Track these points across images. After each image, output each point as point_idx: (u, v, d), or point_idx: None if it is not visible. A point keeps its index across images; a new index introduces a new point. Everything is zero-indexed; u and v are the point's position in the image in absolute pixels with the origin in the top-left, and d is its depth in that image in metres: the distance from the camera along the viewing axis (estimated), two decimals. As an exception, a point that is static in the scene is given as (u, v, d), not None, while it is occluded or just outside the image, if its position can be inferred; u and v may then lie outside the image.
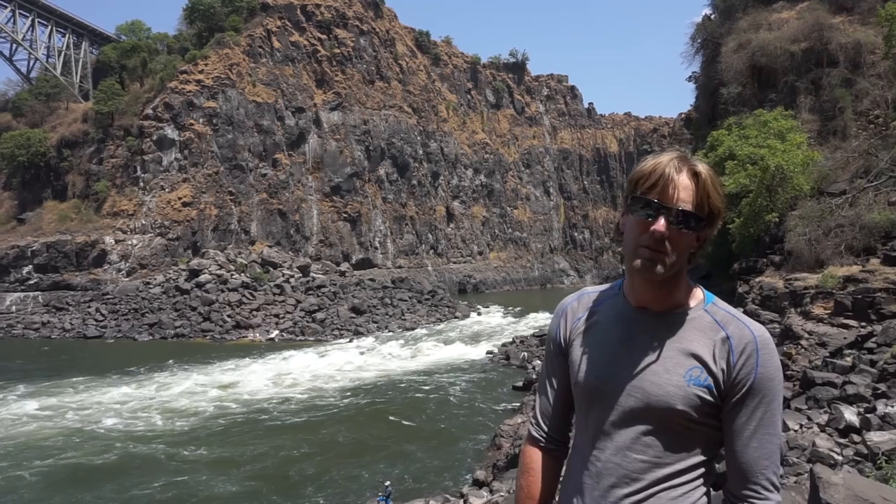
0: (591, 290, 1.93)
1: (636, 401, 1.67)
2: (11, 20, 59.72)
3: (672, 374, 1.65)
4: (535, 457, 1.93)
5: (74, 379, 26.88)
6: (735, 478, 1.66)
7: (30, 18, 61.59)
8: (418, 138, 78.88)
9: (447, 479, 15.58)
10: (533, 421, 1.97)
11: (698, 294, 1.76)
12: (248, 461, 16.89)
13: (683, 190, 1.62)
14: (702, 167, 1.66)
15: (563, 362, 1.88)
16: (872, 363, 11.26)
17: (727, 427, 1.66)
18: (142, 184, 54.66)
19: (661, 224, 1.61)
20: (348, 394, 24.68)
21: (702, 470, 1.69)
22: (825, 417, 9.55)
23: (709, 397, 1.64)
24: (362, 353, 33.51)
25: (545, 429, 1.93)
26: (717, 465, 1.77)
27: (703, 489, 1.69)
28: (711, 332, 1.68)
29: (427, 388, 25.85)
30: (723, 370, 1.65)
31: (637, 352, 1.71)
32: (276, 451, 17.69)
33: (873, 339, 12.31)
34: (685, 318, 1.71)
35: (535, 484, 1.90)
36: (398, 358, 32.42)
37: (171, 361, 30.66)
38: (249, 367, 29.31)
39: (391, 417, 21.33)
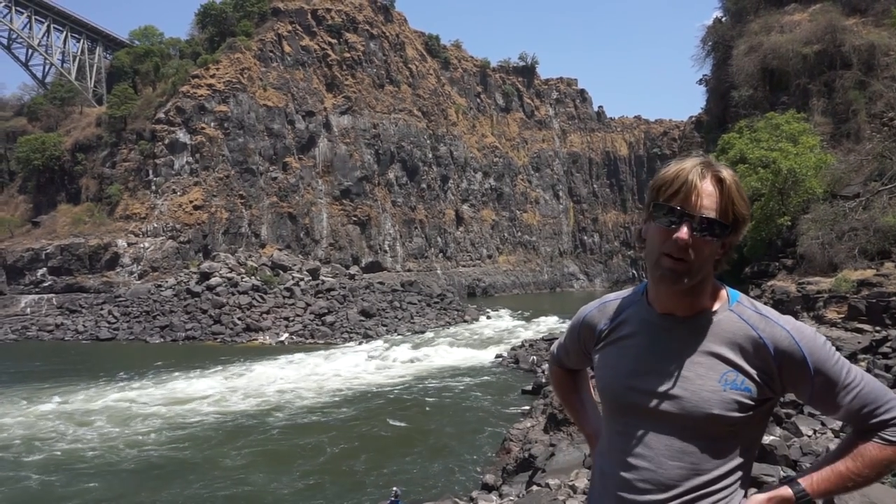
0: (613, 298, 1.92)
1: (671, 409, 1.65)
2: (27, 26, 60.61)
3: (706, 379, 1.63)
4: (558, 371, 2.24)
5: (93, 380, 27.13)
6: (860, 421, 1.64)
7: (45, 24, 62.45)
8: (428, 142, 79.04)
9: (456, 482, 15.53)
10: (553, 354, 2.23)
11: (723, 294, 1.74)
12: (252, 465, 16.94)
13: (707, 197, 1.59)
14: (726, 173, 1.64)
15: (581, 358, 2.00)
16: (887, 368, 11.13)
17: (821, 411, 1.71)
18: (154, 187, 55.16)
19: (683, 232, 1.59)
20: (356, 397, 24.70)
21: (739, 474, 1.67)
22: (839, 423, 9.44)
23: (748, 401, 1.62)
24: (371, 357, 33.54)
25: (560, 363, 2.21)
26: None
27: (741, 493, 1.68)
28: (741, 332, 1.66)
29: (436, 391, 25.82)
30: (763, 371, 1.63)
31: (667, 359, 1.69)
32: (279, 454, 17.73)
33: (888, 344, 12.17)
34: (712, 320, 1.69)
35: (564, 386, 2.23)
36: (407, 361, 32.41)
37: (183, 364, 30.86)
38: (259, 370, 29.41)
39: (399, 421, 21.31)
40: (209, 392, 25.04)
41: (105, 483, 15.55)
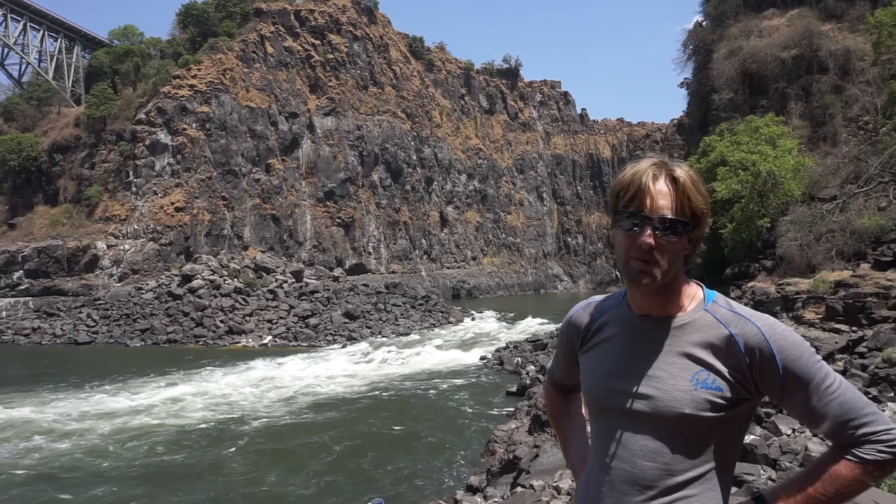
0: (599, 299, 1.95)
1: (645, 408, 1.67)
2: (3, 24, 59.47)
3: (678, 379, 1.65)
4: (551, 392, 2.24)
5: (73, 385, 26.64)
6: (834, 434, 1.62)
7: (21, 23, 61.33)
8: (412, 144, 78.97)
9: (440, 485, 15.51)
10: (547, 370, 2.25)
11: (698, 294, 1.76)
12: (249, 468, 16.77)
13: (662, 197, 1.62)
14: (680, 170, 1.66)
15: (570, 364, 2.00)
16: (863, 368, 11.34)
17: (796, 417, 1.70)
18: (134, 189, 54.40)
19: (646, 235, 1.62)
20: (340, 399, 24.58)
21: (715, 478, 1.67)
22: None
23: (720, 400, 1.62)
24: (355, 359, 33.40)
25: (553, 380, 2.21)
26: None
27: (719, 497, 1.68)
28: (713, 331, 1.67)
29: (420, 393, 25.78)
30: (735, 369, 1.63)
31: (642, 359, 1.71)
32: (255, 460, 17.57)
33: (864, 344, 12.40)
34: (686, 320, 1.71)
35: (556, 411, 2.21)
36: (391, 363, 32.32)
37: (165, 367, 30.44)
38: (241, 374, 29.14)
39: (383, 423, 21.23)
40: (194, 396, 24.73)
41: (105, 492, 15.14)
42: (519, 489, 10.76)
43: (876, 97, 23.84)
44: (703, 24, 38.89)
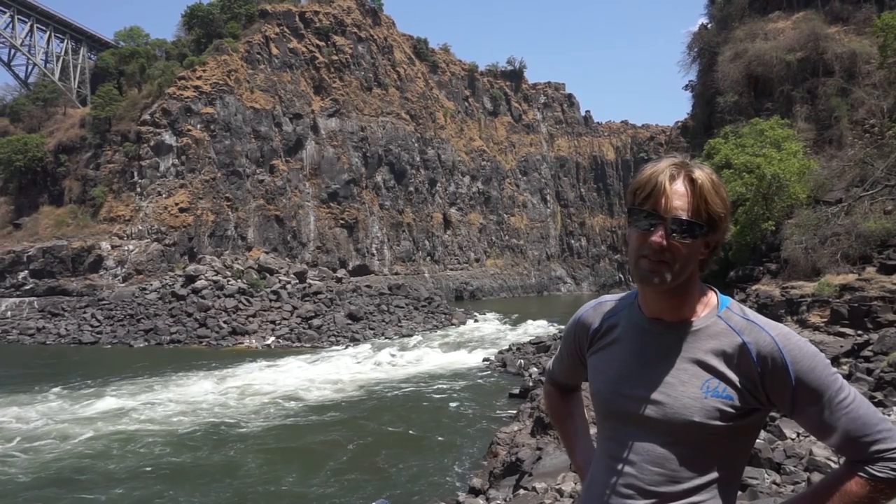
0: (609, 299, 1.92)
1: (654, 415, 1.64)
2: (10, 25, 59.81)
3: (688, 385, 1.62)
4: (552, 392, 2.23)
5: (78, 385, 26.70)
6: (845, 449, 1.59)
7: (28, 24, 61.68)
8: (416, 145, 79.04)
9: (442, 487, 15.48)
10: (548, 370, 2.25)
11: (712, 300, 1.73)
12: (252, 470, 16.77)
13: (678, 198, 1.59)
14: (699, 172, 1.62)
15: (576, 363, 1.97)
16: (869, 372, 11.28)
17: (807, 429, 1.66)
18: (139, 189, 54.58)
19: (658, 235, 1.59)
20: (341, 401, 24.58)
21: (721, 486, 1.65)
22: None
23: (730, 409, 1.60)
24: (358, 360, 33.40)
25: (555, 380, 2.20)
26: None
27: None
28: (726, 338, 1.64)
29: (422, 395, 25.76)
30: (746, 378, 1.61)
31: (652, 364, 1.69)
32: (261, 461, 17.58)
33: (870, 348, 12.34)
34: (699, 326, 1.68)
35: (558, 410, 2.21)
36: (394, 365, 32.30)
37: (169, 367, 30.51)
38: (246, 374, 29.17)
39: (384, 425, 21.21)
40: (198, 396, 24.75)
41: (120, 493, 15.02)
42: (521, 491, 10.73)
43: (882, 100, 23.76)
44: (708, 26, 38.87)
